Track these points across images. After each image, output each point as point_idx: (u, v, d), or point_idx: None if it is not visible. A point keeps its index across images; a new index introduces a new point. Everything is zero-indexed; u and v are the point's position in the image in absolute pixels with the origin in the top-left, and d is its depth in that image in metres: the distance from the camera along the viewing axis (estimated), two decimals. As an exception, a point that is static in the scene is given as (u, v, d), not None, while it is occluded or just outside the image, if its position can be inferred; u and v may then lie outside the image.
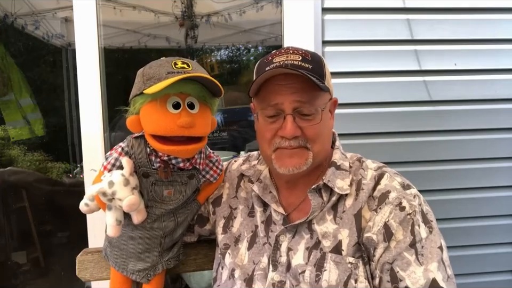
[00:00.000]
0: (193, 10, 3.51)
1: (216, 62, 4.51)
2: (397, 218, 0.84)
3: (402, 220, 0.83)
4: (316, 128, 0.87)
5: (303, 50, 0.91)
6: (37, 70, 4.49)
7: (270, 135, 0.89)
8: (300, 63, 0.86)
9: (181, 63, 0.82)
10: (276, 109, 0.88)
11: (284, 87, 0.86)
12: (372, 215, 0.86)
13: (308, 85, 0.85)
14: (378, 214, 0.86)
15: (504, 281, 1.69)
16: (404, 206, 0.85)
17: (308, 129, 0.87)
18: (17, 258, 2.94)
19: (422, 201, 0.88)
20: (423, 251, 0.81)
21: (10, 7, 3.16)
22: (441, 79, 1.59)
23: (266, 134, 0.90)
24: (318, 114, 0.87)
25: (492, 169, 1.64)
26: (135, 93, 0.82)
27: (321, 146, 0.90)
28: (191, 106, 0.82)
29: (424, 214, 0.85)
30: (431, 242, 0.82)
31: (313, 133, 0.88)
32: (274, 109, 0.88)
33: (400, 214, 0.84)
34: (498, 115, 1.62)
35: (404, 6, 1.55)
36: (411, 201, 0.85)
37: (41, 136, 3.64)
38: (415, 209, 0.84)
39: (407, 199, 0.86)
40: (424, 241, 0.82)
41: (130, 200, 0.82)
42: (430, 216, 0.86)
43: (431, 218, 0.86)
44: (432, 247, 0.82)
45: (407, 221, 0.83)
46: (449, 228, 1.62)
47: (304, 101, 0.86)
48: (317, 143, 0.89)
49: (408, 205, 0.85)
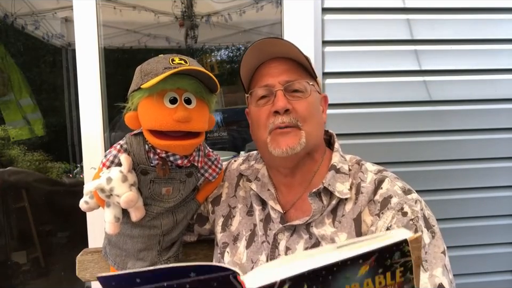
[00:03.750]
0: (193, 10, 3.51)
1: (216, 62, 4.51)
2: (399, 223, 0.83)
3: (405, 225, 0.83)
4: (305, 103, 0.90)
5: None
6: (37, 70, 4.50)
7: (264, 116, 0.91)
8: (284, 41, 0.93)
9: (178, 59, 0.83)
10: (266, 89, 0.92)
11: (273, 68, 0.92)
12: (375, 220, 0.86)
13: (295, 66, 0.92)
14: (381, 219, 0.85)
15: (504, 281, 1.69)
16: (405, 211, 0.84)
17: (298, 104, 0.90)
18: (17, 258, 2.95)
19: (423, 206, 0.87)
20: (427, 257, 0.80)
21: (10, 7, 3.17)
22: (441, 79, 1.59)
23: (261, 117, 0.92)
24: (307, 92, 0.91)
25: (492, 169, 1.64)
26: (133, 88, 0.83)
27: (312, 127, 0.91)
28: (188, 102, 0.83)
29: (426, 218, 0.85)
30: (434, 248, 0.81)
31: (304, 109, 0.90)
32: (264, 89, 0.92)
33: (402, 219, 0.83)
34: (498, 115, 1.62)
35: (404, 6, 1.55)
36: (413, 207, 0.85)
37: (41, 136, 3.65)
38: (417, 214, 0.84)
39: (408, 204, 0.85)
40: (428, 246, 0.81)
41: (128, 197, 0.82)
42: (432, 220, 0.86)
43: (433, 223, 0.85)
44: (435, 252, 0.81)
45: (409, 227, 0.82)
46: (449, 228, 1.62)
47: (293, 79, 0.91)
48: (308, 123, 0.90)
49: (410, 211, 0.84)
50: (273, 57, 0.93)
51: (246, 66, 0.94)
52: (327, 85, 1.52)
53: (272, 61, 0.93)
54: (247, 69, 0.95)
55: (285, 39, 0.92)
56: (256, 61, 0.94)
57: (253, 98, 0.95)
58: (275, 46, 0.90)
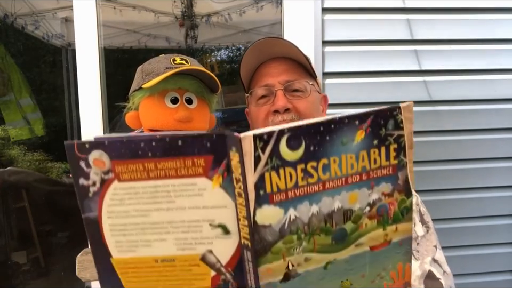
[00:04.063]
0: (193, 10, 3.51)
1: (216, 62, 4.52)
2: None
3: None
4: (305, 102, 0.90)
5: None
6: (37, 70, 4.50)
7: (263, 115, 0.91)
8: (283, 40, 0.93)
9: (180, 59, 0.83)
10: (266, 89, 0.92)
11: (273, 68, 0.92)
12: None
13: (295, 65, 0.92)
14: None
15: (504, 281, 1.69)
16: None
17: (299, 102, 0.90)
18: (17, 258, 2.95)
19: (419, 201, 0.88)
20: (418, 248, 0.82)
21: (10, 7, 3.16)
22: (441, 79, 1.59)
23: (260, 116, 0.92)
24: (307, 91, 0.91)
25: (492, 169, 1.64)
26: (134, 88, 0.84)
27: None
28: (189, 102, 0.83)
29: (421, 214, 0.86)
30: (426, 241, 0.83)
31: (304, 108, 0.90)
32: (264, 89, 0.92)
33: None
34: (498, 115, 1.62)
35: (404, 6, 1.55)
36: None
37: (41, 136, 3.64)
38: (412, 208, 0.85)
39: None
40: (420, 239, 0.83)
41: None
42: (426, 217, 0.87)
43: (428, 220, 0.86)
44: (427, 245, 0.83)
45: None
46: (449, 227, 1.62)
47: (293, 79, 0.91)
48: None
49: None
50: (273, 57, 0.93)
51: (246, 66, 0.94)
52: (327, 85, 1.52)
53: (272, 60, 0.94)
54: (247, 69, 0.95)
55: (284, 39, 0.92)
56: (256, 60, 0.94)
57: (253, 98, 0.95)
58: (275, 46, 0.91)
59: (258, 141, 0.42)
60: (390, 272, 0.54)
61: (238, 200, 0.45)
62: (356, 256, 0.50)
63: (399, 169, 0.52)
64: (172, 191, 0.45)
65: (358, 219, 0.49)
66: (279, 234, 0.44)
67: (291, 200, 0.45)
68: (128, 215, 0.46)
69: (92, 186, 0.46)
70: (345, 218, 0.49)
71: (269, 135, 0.42)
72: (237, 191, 0.44)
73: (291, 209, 0.45)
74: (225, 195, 0.45)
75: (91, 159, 0.45)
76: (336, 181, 0.47)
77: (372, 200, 0.50)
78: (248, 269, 0.46)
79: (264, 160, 0.42)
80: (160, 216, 0.46)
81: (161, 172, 0.45)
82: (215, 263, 0.48)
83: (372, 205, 0.50)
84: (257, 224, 0.43)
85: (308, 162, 0.45)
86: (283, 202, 0.44)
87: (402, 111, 0.50)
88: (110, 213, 0.47)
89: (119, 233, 0.47)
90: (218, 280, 0.48)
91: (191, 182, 0.45)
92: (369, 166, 0.49)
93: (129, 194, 0.46)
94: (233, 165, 0.44)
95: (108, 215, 0.47)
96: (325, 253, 0.48)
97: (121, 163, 0.45)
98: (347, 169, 0.48)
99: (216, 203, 0.46)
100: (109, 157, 0.45)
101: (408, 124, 0.51)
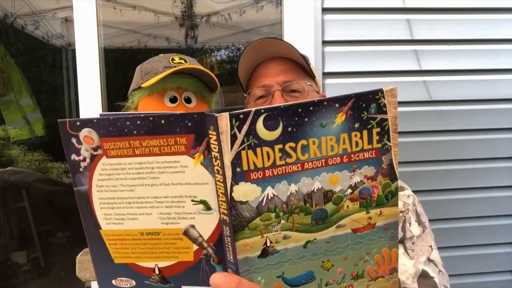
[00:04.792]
0: (193, 10, 3.51)
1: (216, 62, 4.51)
2: None
3: None
4: None
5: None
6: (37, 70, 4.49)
7: None
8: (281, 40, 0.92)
9: (178, 59, 0.83)
10: (264, 89, 0.91)
11: (271, 69, 0.92)
12: None
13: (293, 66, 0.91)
14: None
15: (504, 281, 1.69)
16: None
17: None
18: (17, 258, 2.94)
19: (416, 201, 0.88)
20: (414, 247, 0.82)
21: (10, 7, 3.16)
22: (441, 79, 1.59)
23: None
24: (305, 92, 0.91)
25: (492, 169, 1.64)
26: (133, 88, 0.84)
27: None
28: (188, 101, 0.83)
29: (418, 214, 0.86)
30: (422, 241, 0.83)
31: None
32: (262, 89, 0.92)
33: None
34: (498, 115, 1.62)
35: (404, 6, 1.55)
36: (404, 200, 0.86)
37: (41, 136, 3.64)
38: (408, 207, 0.85)
39: (400, 198, 0.86)
40: (416, 238, 0.83)
41: None
42: (423, 217, 0.87)
43: (424, 220, 0.86)
44: (423, 245, 0.83)
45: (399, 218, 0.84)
46: (449, 228, 1.62)
47: (291, 80, 0.90)
48: None
49: (401, 203, 0.85)
50: (271, 58, 0.93)
51: (243, 66, 0.94)
52: (327, 85, 1.52)
53: (270, 61, 0.93)
54: (244, 69, 0.95)
55: (282, 39, 0.92)
56: (253, 61, 0.94)
57: (251, 98, 0.95)
58: (272, 46, 0.91)
59: (234, 120, 0.43)
60: (374, 256, 0.54)
61: (217, 177, 0.46)
62: (337, 237, 0.51)
63: (383, 153, 0.52)
64: (155, 168, 0.48)
65: (339, 200, 0.50)
66: (256, 211, 0.46)
67: (268, 178, 0.46)
68: (115, 189, 0.49)
69: (83, 161, 0.49)
70: (326, 199, 0.49)
71: (246, 115, 0.44)
72: (215, 169, 0.46)
73: (269, 187, 0.46)
74: (206, 172, 0.47)
75: (82, 136, 0.48)
76: (316, 162, 0.48)
77: (353, 182, 0.50)
78: (227, 244, 0.48)
79: (240, 138, 0.44)
80: (145, 191, 0.49)
81: (145, 149, 0.47)
82: (197, 237, 0.50)
83: (353, 188, 0.50)
84: (234, 200, 0.45)
85: (286, 142, 0.46)
86: (260, 181, 0.45)
87: (385, 95, 0.50)
88: (99, 187, 0.50)
89: (107, 206, 0.50)
90: (200, 254, 0.51)
91: (174, 159, 0.47)
92: (350, 149, 0.49)
93: (116, 170, 0.49)
94: (211, 143, 0.45)
95: (97, 188, 0.50)
96: (304, 232, 0.49)
97: (109, 140, 0.48)
98: (327, 151, 0.48)
99: (197, 180, 0.48)
100: (97, 134, 0.48)
101: (392, 108, 0.50)
